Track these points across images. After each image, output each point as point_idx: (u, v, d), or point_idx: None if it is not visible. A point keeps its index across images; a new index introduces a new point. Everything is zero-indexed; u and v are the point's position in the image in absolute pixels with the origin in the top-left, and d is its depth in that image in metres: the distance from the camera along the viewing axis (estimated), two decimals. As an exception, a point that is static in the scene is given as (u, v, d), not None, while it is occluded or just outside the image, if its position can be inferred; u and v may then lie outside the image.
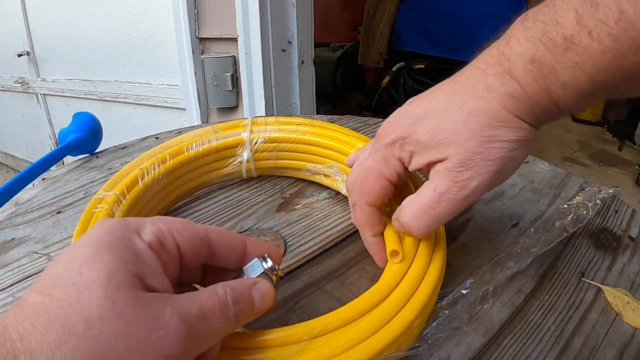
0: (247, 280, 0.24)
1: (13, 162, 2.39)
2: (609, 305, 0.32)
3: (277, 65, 1.18)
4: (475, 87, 0.27)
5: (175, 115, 1.46)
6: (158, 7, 1.34)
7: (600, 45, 0.23)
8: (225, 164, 0.46)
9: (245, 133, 0.45)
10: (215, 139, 0.44)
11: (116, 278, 0.18)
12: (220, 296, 0.22)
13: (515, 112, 0.26)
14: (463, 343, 0.29)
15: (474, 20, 1.75)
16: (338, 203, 0.45)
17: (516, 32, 0.26)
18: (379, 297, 0.27)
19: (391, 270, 0.29)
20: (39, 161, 0.50)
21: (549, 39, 0.24)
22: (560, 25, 0.24)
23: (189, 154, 0.43)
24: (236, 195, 0.46)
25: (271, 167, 0.46)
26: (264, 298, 0.23)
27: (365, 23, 1.94)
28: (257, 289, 0.23)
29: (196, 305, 0.20)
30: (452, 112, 0.27)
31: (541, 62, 0.25)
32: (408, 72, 1.91)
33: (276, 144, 0.45)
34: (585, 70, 0.24)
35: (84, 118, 0.57)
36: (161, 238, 0.22)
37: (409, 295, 0.28)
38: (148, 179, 0.39)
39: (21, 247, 0.39)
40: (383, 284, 0.28)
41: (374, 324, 0.25)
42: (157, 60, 1.43)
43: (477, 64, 0.28)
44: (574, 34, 0.23)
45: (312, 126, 0.45)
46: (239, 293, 0.22)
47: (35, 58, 1.79)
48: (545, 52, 0.24)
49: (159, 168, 0.41)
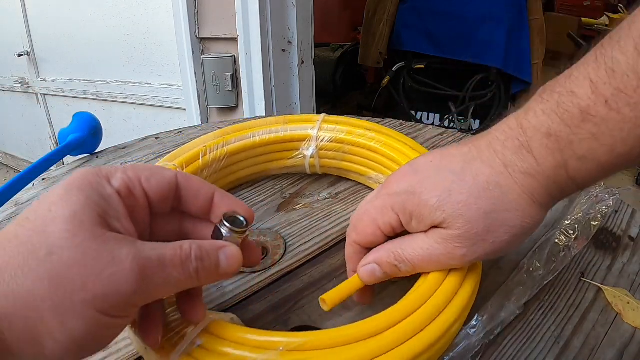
0: (217, 242, 0.25)
1: (13, 162, 2.39)
2: (609, 305, 0.32)
3: (277, 65, 1.17)
4: (493, 158, 0.26)
5: (175, 115, 1.46)
6: (158, 7, 1.33)
7: (619, 115, 0.22)
8: (289, 156, 0.46)
9: (314, 129, 0.45)
10: (283, 130, 0.45)
11: (80, 215, 0.21)
12: (184, 250, 0.23)
13: (529, 192, 0.26)
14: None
15: (474, 20, 1.75)
16: (338, 203, 0.45)
17: (534, 104, 0.25)
18: (371, 330, 0.25)
19: (387, 313, 0.27)
20: (39, 161, 0.50)
21: (565, 111, 0.24)
22: (576, 96, 0.23)
23: (254, 140, 0.44)
24: (236, 195, 0.46)
25: (335, 167, 0.46)
26: (230, 261, 0.25)
27: (365, 23, 1.94)
28: (224, 251, 0.25)
29: (156, 252, 0.22)
30: (465, 182, 0.26)
31: (557, 135, 0.24)
32: (408, 72, 1.90)
33: (342, 145, 0.44)
34: (604, 142, 0.23)
35: (84, 118, 0.57)
36: (129, 185, 0.24)
37: (403, 338, 0.26)
38: (209, 157, 0.41)
39: (21, 247, 0.39)
40: (373, 321, 0.26)
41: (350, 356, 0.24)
42: (157, 60, 1.43)
43: (497, 134, 0.27)
44: (590, 104, 0.23)
45: (380, 133, 0.44)
46: (204, 251, 0.24)
47: (35, 58, 1.79)
48: (561, 125, 0.24)
49: (223, 149, 0.42)
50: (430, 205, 0.27)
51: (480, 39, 1.74)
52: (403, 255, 0.28)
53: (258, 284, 0.35)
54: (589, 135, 0.23)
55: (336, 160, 0.46)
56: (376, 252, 0.29)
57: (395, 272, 0.29)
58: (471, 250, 0.26)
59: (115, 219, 0.22)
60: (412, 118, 1.95)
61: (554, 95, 0.24)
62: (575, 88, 0.23)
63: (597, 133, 0.23)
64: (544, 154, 0.25)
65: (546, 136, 0.24)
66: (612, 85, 0.22)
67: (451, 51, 1.81)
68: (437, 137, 0.56)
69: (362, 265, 0.30)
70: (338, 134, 0.44)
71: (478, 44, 1.75)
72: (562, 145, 0.24)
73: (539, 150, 0.25)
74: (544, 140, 0.24)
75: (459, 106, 1.86)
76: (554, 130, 0.24)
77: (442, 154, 0.29)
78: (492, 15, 1.73)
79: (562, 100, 0.24)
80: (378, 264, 0.29)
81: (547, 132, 0.24)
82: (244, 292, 0.34)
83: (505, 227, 0.26)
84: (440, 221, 0.26)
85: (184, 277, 0.23)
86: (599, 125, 0.23)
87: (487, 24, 1.73)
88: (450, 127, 1.87)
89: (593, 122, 0.23)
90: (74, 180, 0.22)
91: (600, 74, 0.22)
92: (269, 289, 0.35)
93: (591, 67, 0.23)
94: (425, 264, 0.28)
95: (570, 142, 0.24)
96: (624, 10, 3.25)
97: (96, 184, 0.23)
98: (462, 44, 1.78)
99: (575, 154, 0.24)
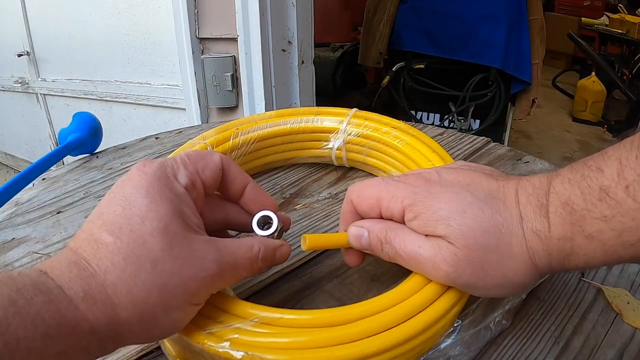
0: (275, 242, 0.29)
1: (13, 162, 2.39)
2: (609, 305, 0.32)
3: (277, 65, 1.18)
4: (514, 206, 0.26)
5: (175, 115, 1.46)
6: (158, 7, 1.34)
7: (634, 203, 0.22)
8: (318, 146, 0.47)
9: (343, 123, 0.46)
10: (314, 120, 0.46)
11: (171, 228, 0.24)
12: (254, 252, 0.27)
13: (532, 252, 0.25)
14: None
15: (474, 20, 1.75)
16: (338, 203, 0.45)
17: (566, 171, 0.25)
18: (348, 317, 0.26)
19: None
20: (39, 161, 0.50)
21: (587, 186, 0.23)
22: (602, 174, 0.23)
23: (284, 127, 0.45)
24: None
25: (361, 161, 0.47)
26: (281, 258, 0.29)
27: (365, 23, 1.94)
28: (280, 250, 0.29)
29: (233, 257, 0.26)
30: (482, 211, 0.26)
31: (572, 207, 0.24)
32: (408, 72, 1.90)
33: (368, 140, 0.45)
34: (613, 226, 0.22)
35: (84, 118, 0.57)
36: (193, 180, 0.27)
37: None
38: (240, 140, 0.43)
39: (21, 247, 0.39)
40: (353, 308, 0.27)
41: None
42: (157, 60, 1.43)
43: (527, 185, 0.27)
44: (612, 185, 0.22)
45: (405, 133, 0.44)
46: (268, 251, 0.28)
47: (35, 58, 1.79)
48: (579, 199, 0.24)
49: (254, 133, 0.44)
50: (439, 214, 0.26)
51: (480, 39, 1.74)
52: (393, 240, 0.28)
53: (258, 284, 0.35)
54: (601, 215, 0.23)
55: (362, 155, 0.46)
56: (373, 222, 0.30)
57: (378, 249, 0.29)
58: (456, 273, 0.26)
59: (191, 216, 0.25)
60: (412, 118, 1.96)
61: (584, 168, 0.24)
62: (605, 167, 0.23)
63: (609, 215, 0.22)
64: (557, 221, 0.25)
65: (563, 205, 0.24)
66: (636, 172, 0.22)
67: (451, 51, 1.81)
68: (437, 137, 0.56)
69: (354, 224, 0.30)
70: (365, 129, 0.45)
71: (478, 44, 1.75)
72: (574, 218, 0.24)
73: (553, 217, 0.25)
74: (560, 209, 0.24)
75: (459, 106, 1.86)
76: (572, 201, 0.24)
77: (471, 177, 0.28)
78: (492, 15, 1.73)
79: (588, 175, 0.24)
80: (369, 232, 0.29)
81: (565, 201, 0.24)
82: (244, 292, 0.34)
83: (498, 272, 0.26)
84: (442, 234, 0.26)
85: (248, 275, 0.27)
86: (612, 208, 0.22)
87: (487, 23, 1.73)
88: (450, 127, 1.87)
89: (608, 204, 0.22)
90: (151, 182, 0.25)
91: (630, 159, 0.22)
92: (268, 289, 0.35)
93: (624, 150, 0.23)
94: (407, 259, 0.28)
95: (583, 217, 0.23)
96: (624, 10, 3.25)
97: (170, 185, 0.25)
98: (462, 44, 1.78)
99: (584, 230, 0.23)
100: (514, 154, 0.53)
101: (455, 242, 0.26)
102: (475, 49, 1.76)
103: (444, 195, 0.27)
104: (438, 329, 0.27)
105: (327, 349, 0.25)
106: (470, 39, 1.76)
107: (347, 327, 0.25)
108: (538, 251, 0.25)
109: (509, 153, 0.53)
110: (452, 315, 0.28)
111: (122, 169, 0.52)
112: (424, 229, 0.27)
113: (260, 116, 0.47)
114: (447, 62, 1.84)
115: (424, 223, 0.27)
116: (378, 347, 0.25)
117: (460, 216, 0.26)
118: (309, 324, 0.26)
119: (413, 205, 0.27)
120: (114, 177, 0.50)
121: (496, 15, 1.72)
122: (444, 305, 0.27)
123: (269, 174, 0.49)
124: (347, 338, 0.25)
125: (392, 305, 0.27)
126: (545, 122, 2.68)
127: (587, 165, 0.24)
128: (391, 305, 0.27)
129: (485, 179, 0.28)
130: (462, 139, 0.56)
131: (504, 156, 0.52)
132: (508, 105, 1.87)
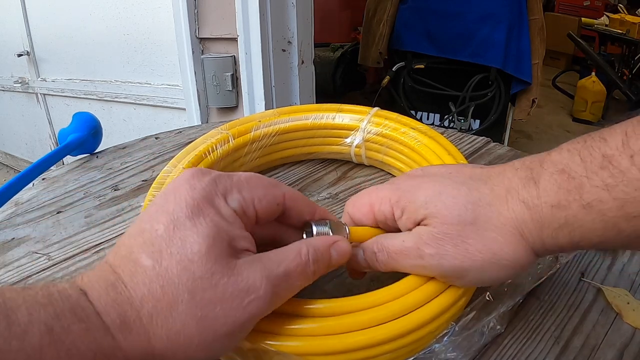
0: (328, 238, 0.27)
1: (13, 162, 2.39)
2: (609, 305, 0.32)
3: (277, 65, 1.17)
4: (498, 182, 0.26)
5: (175, 115, 1.46)
6: (158, 7, 1.33)
7: (639, 173, 0.21)
8: (338, 142, 0.48)
9: (364, 121, 0.46)
10: (335, 117, 0.47)
11: (213, 251, 0.22)
12: (303, 256, 0.25)
13: (519, 222, 0.25)
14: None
15: (474, 20, 1.75)
16: (338, 203, 0.45)
17: (566, 144, 0.25)
18: (341, 310, 0.27)
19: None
20: (39, 161, 0.50)
21: (589, 154, 0.23)
22: (606, 143, 0.22)
23: (306, 122, 0.46)
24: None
25: (379, 160, 0.48)
26: (340, 256, 0.26)
27: (365, 23, 1.94)
28: (335, 247, 0.26)
29: (282, 267, 0.24)
30: (459, 190, 0.26)
31: (570, 174, 0.23)
32: (408, 72, 1.90)
33: (386, 139, 0.46)
34: (615, 195, 0.21)
35: (84, 118, 0.57)
36: (244, 207, 0.25)
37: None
38: (261, 132, 0.45)
39: (21, 247, 0.39)
40: (347, 301, 0.27)
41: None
42: (157, 60, 1.43)
43: (516, 163, 0.27)
44: (615, 154, 0.22)
45: (423, 134, 0.44)
46: (319, 252, 0.25)
47: (35, 58, 1.79)
48: (579, 166, 0.23)
49: (275, 126, 0.45)
50: (419, 201, 0.27)
51: (480, 39, 1.74)
52: (383, 244, 0.28)
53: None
54: (603, 184, 0.22)
55: (380, 154, 0.47)
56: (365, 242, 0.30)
57: (373, 260, 0.29)
58: (439, 254, 0.26)
59: (239, 239, 0.24)
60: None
61: (586, 139, 0.24)
62: (609, 136, 0.23)
63: (611, 184, 0.22)
64: (549, 187, 0.24)
65: (559, 172, 0.23)
66: None
67: (451, 51, 1.81)
68: (437, 137, 0.56)
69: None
70: (384, 129, 0.46)
71: (478, 44, 1.75)
72: (571, 185, 0.23)
73: (545, 183, 0.24)
74: (556, 175, 0.24)
75: (458, 106, 1.86)
76: (570, 168, 0.23)
77: (456, 168, 0.29)
78: (492, 15, 1.73)
79: (590, 144, 0.23)
80: (363, 249, 0.30)
81: (562, 168, 0.23)
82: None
83: (481, 246, 0.25)
84: (422, 218, 0.27)
85: (304, 282, 0.25)
86: (615, 176, 0.21)
87: (487, 23, 1.73)
88: (450, 127, 1.87)
89: (611, 172, 0.22)
90: (196, 200, 0.23)
91: (637, 130, 0.22)
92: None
93: (631, 124, 0.22)
94: (397, 258, 0.28)
95: (581, 184, 0.22)
96: (624, 10, 3.25)
97: (217, 205, 0.23)
98: (462, 44, 1.78)
99: (582, 198, 0.22)
100: (514, 154, 0.53)
101: (432, 222, 0.26)
102: (475, 49, 1.76)
103: (423, 184, 0.28)
104: (441, 323, 0.28)
105: (335, 336, 0.25)
106: (470, 39, 1.76)
107: (357, 315, 0.26)
108: (526, 221, 0.25)
109: (509, 153, 0.53)
110: (460, 306, 0.29)
111: (122, 169, 0.52)
112: (412, 221, 0.28)
113: (281, 110, 0.47)
114: (447, 62, 1.84)
115: (409, 215, 0.28)
116: (386, 335, 0.26)
117: (436, 198, 0.27)
118: (321, 312, 0.26)
119: (399, 201, 0.28)
120: (114, 177, 0.50)
121: (496, 15, 1.72)
122: (447, 300, 0.28)
123: (269, 173, 0.49)
124: (357, 326, 0.25)
125: (399, 296, 0.27)
126: (545, 122, 2.68)
127: (591, 136, 0.24)
128: (398, 296, 0.27)
129: (470, 168, 0.29)
130: (462, 139, 0.56)
131: (504, 156, 0.52)
132: (508, 105, 1.87)
